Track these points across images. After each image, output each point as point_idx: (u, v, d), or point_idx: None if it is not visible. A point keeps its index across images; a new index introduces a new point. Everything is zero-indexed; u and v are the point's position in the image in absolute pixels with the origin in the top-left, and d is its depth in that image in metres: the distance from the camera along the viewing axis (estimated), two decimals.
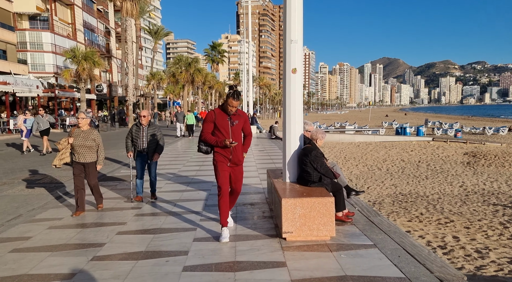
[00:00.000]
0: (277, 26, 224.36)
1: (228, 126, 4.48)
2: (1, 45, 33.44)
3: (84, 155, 5.69)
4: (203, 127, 4.55)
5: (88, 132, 5.72)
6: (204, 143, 4.59)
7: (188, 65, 28.26)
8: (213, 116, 4.49)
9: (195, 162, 11.50)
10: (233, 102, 4.39)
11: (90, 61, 22.81)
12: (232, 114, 4.50)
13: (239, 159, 4.63)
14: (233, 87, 4.50)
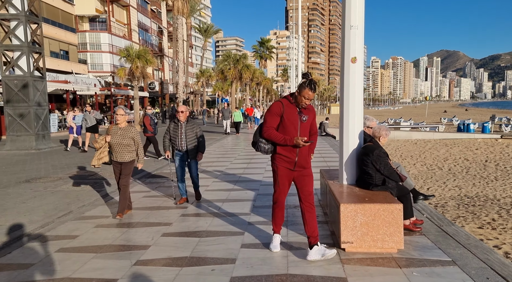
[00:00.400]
0: (327, 20, 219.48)
1: (297, 122, 3.72)
2: (64, 46, 35.69)
3: (121, 154, 5.34)
4: (267, 121, 3.77)
5: (126, 130, 5.35)
6: (267, 140, 3.80)
7: (236, 61, 28.19)
8: (281, 109, 3.71)
9: (242, 159, 11.21)
10: (309, 94, 3.64)
11: (143, 59, 23.47)
12: (303, 108, 3.77)
13: (306, 161, 3.85)
14: (308, 75, 3.75)
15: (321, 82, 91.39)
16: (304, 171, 3.88)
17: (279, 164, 3.83)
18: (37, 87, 13.80)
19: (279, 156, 3.80)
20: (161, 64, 66.44)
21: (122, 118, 5.33)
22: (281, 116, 3.72)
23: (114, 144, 5.30)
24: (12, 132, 13.59)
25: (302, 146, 3.66)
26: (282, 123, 3.73)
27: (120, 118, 5.33)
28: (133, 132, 5.36)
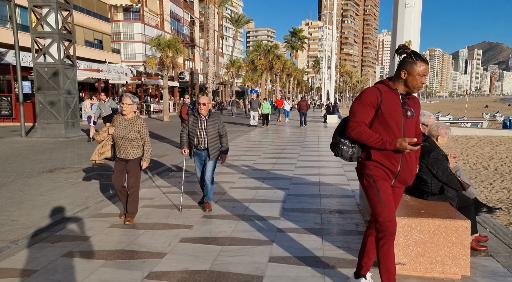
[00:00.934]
0: (361, 10, 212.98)
1: (400, 117, 2.63)
2: (98, 36, 36.18)
3: (125, 149, 4.61)
4: (356, 114, 2.69)
5: (132, 121, 4.60)
6: (352, 141, 2.75)
7: (267, 51, 27.47)
8: (378, 98, 2.64)
9: (271, 153, 10.60)
10: (424, 69, 2.60)
11: (173, 48, 23.21)
12: (407, 98, 2.71)
13: (412, 174, 2.74)
14: (406, 47, 2.73)
15: (354, 74, 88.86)
16: (401, 189, 2.82)
17: (377, 173, 2.68)
18: (67, 75, 13.74)
19: (376, 165, 2.68)
20: (192, 54, 66.60)
21: (128, 108, 4.58)
22: (377, 109, 2.64)
23: (117, 137, 4.58)
24: (42, 119, 13.63)
25: (410, 150, 2.58)
26: (379, 119, 2.65)
27: (126, 108, 4.58)
28: (139, 124, 4.63)
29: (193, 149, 5.16)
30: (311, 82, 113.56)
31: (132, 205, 4.73)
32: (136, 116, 4.70)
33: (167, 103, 24.32)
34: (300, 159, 9.63)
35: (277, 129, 19.13)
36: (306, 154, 10.44)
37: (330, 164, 8.94)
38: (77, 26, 32.43)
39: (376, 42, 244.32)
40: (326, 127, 20.85)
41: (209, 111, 5.19)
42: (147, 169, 8.19)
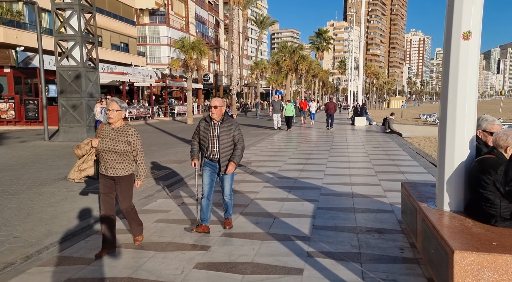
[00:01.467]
0: (388, 10, 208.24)
1: None
2: (124, 39, 36.59)
3: (113, 165, 3.78)
4: None
5: (121, 131, 3.81)
6: None
7: (292, 52, 26.80)
8: None
9: (297, 159, 9.94)
10: None
11: (197, 50, 22.96)
12: None
13: None
14: None
15: (381, 75, 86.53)
16: None
17: None
18: (89, 78, 13.60)
19: None
20: (217, 56, 66.77)
21: (116, 115, 3.77)
22: None
23: (103, 150, 3.78)
24: (65, 123, 13.55)
25: None
26: None
27: (113, 115, 3.75)
28: (130, 134, 3.82)
29: (203, 160, 4.47)
30: (337, 84, 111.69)
31: (134, 224, 4.09)
32: (126, 125, 3.90)
33: (191, 106, 24.09)
34: (329, 165, 8.94)
35: (302, 132, 18.40)
36: (335, 160, 9.72)
37: (362, 172, 8.21)
38: (103, 30, 32.91)
39: (404, 42, 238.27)
40: (354, 130, 19.94)
41: (223, 115, 4.43)
42: (164, 178, 7.73)
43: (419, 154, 10.82)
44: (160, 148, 12.31)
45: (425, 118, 46.53)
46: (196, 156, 4.46)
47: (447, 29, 3.50)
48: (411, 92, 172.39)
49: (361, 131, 18.61)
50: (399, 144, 13.19)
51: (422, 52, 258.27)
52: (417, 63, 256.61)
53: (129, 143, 3.82)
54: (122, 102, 3.89)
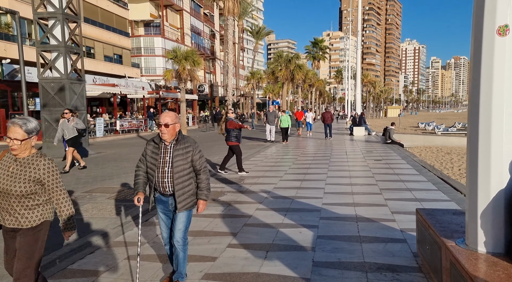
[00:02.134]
0: (383, 20, 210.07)
1: None
2: (118, 51, 36.04)
3: (13, 213, 2.65)
4: None
5: (27, 164, 2.65)
6: None
7: (288, 61, 26.25)
8: None
9: (294, 174, 9.20)
10: None
11: (190, 60, 22.36)
12: None
13: None
14: None
15: (378, 84, 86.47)
16: None
17: None
18: (74, 90, 12.89)
19: None
20: (213, 67, 66.51)
21: (20, 147, 2.61)
22: None
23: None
24: (48, 138, 12.78)
25: None
26: None
27: (16, 146, 2.59)
28: (41, 169, 2.65)
29: (153, 194, 3.34)
30: (334, 93, 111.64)
31: None
32: (36, 155, 2.70)
33: (185, 117, 23.38)
34: (329, 181, 8.19)
35: (299, 144, 17.65)
36: (335, 175, 8.98)
37: (365, 189, 7.47)
38: (96, 42, 32.38)
39: (399, 51, 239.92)
40: (353, 140, 19.25)
41: (177, 134, 3.26)
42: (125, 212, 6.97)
43: (424, 167, 10.11)
44: None
45: (423, 127, 46.08)
46: (141, 189, 3.31)
47: (476, 24, 2.81)
48: (407, 100, 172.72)
49: (361, 142, 17.92)
50: (402, 155, 12.48)
51: (417, 61, 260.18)
52: (412, 72, 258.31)
53: (39, 180, 2.65)
54: (29, 122, 2.65)
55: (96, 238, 4.82)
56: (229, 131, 9.27)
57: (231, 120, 9.34)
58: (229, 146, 9.36)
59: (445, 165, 17.80)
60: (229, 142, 9.31)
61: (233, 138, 9.25)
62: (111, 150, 15.61)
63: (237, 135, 9.33)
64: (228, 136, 9.34)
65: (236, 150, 9.32)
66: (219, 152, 13.81)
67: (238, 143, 9.34)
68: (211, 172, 9.45)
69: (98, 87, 20.54)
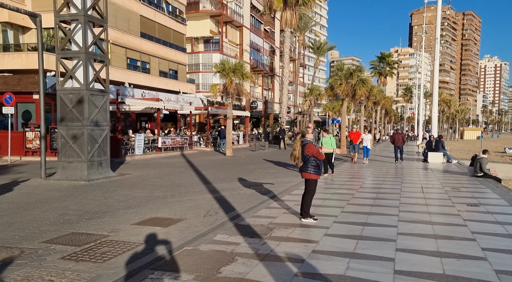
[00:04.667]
0: (459, 35, 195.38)
1: None
2: (173, 66, 35.61)
3: None
4: None
5: None
6: None
7: (349, 75, 23.15)
8: None
9: (345, 226, 6.27)
10: None
11: (239, 74, 20.38)
12: None
13: None
14: None
15: (453, 103, 78.39)
16: None
17: None
18: (95, 103, 11.30)
19: None
20: (271, 84, 65.01)
21: None
22: None
23: None
24: (64, 157, 11.25)
25: None
26: None
27: None
28: None
29: None
30: (401, 112, 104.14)
31: None
32: None
33: (230, 136, 21.29)
34: (402, 242, 5.20)
35: (354, 175, 14.00)
36: (409, 230, 5.92)
37: (471, 270, 4.38)
38: (151, 57, 32.11)
39: (477, 68, 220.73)
40: (428, 169, 15.54)
41: None
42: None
43: None
44: (164, 193, 9.34)
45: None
46: None
47: None
48: (486, 122, 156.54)
49: (439, 173, 14.23)
50: (506, 198, 8.86)
51: (499, 79, 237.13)
52: (493, 91, 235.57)
53: None
54: None
55: None
56: (307, 159, 6.65)
57: (309, 143, 6.73)
58: (305, 179, 6.79)
59: None
60: (306, 173, 6.70)
61: (312, 169, 6.65)
62: (140, 170, 13.83)
63: (318, 164, 6.67)
64: (304, 165, 6.71)
65: (311, 186, 6.68)
66: (257, 177, 11.24)
67: (317, 176, 6.71)
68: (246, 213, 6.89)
69: (140, 102, 19.28)
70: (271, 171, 14.36)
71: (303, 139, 6.71)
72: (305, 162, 6.60)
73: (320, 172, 6.69)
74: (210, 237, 5.54)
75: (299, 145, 6.66)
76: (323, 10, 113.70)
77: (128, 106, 18.90)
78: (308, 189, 6.66)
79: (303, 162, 6.63)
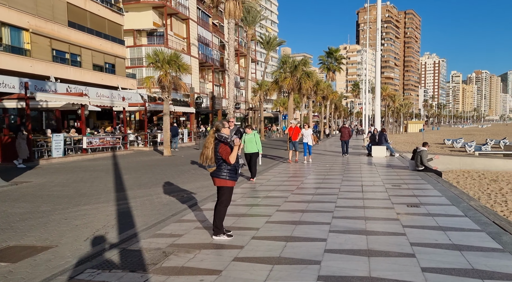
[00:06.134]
0: (402, 33, 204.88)
1: None
2: (110, 59, 32.88)
3: None
4: None
5: None
6: None
7: (294, 68, 22.26)
8: None
9: (261, 250, 5.08)
10: None
11: (175, 65, 18.71)
12: None
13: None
14: None
15: (397, 98, 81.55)
16: None
17: None
18: None
19: None
20: (223, 79, 63.42)
21: None
22: None
23: None
24: None
25: None
26: None
27: None
28: None
29: None
30: (351, 107, 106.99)
31: None
32: None
33: (168, 134, 19.57)
34: (327, 262, 4.07)
35: (294, 174, 13.26)
36: (340, 244, 4.83)
37: None
38: (83, 48, 29.24)
39: (418, 65, 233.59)
40: (372, 164, 14.97)
41: None
42: None
43: (487, 216, 5.84)
44: (54, 207, 7.60)
45: (451, 144, 41.06)
46: None
47: None
48: (428, 115, 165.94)
49: (381, 168, 13.64)
50: (447, 195, 8.17)
51: (437, 75, 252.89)
52: (432, 86, 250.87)
53: None
54: None
55: None
56: (221, 161, 5.21)
57: (224, 141, 5.14)
58: (218, 186, 5.36)
59: (495, 198, 13.43)
60: (219, 178, 5.28)
61: (227, 174, 5.23)
62: (47, 177, 11.82)
63: (235, 168, 5.25)
64: (218, 169, 5.23)
65: (226, 195, 5.29)
66: (186, 180, 9.76)
67: (233, 183, 5.32)
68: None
69: (57, 97, 16.89)
70: (206, 172, 12.97)
71: (217, 134, 5.34)
72: (219, 164, 5.28)
73: (237, 176, 5.40)
74: (73, 274, 4.06)
75: (212, 141, 5.31)
76: (273, 6, 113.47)
77: (45, 102, 16.54)
78: (221, 198, 5.34)
79: (216, 164, 5.30)
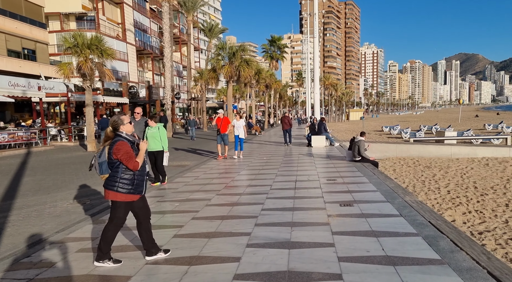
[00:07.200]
0: (343, 23, 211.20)
1: None
2: (29, 44, 29.38)
3: None
4: None
5: None
6: None
7: (232, 55, 21.13)
8: None
9: (169, 266, 4.01)
10: None
11: (97, 50, 16.71)
12: None
13: None
14: None
15: (339, 86, 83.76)
16: None
17: None
18: None
19: None
20: (163, 68, 60.52)
21: None
22: None
23: None
24: None
25: None
26: None
27: None
28: None
29: None
30: (296, 97, 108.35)
31: None
32: None
33: (92, 127, 17.58)
34: None
35: (226, 170, 12.32)
36: (254, 267, 3.90)
37: None
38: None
39: (359, 55, 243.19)
40: (311, 155, 14.42)
41: None
42: None
43: (423, 215, 5.26)
44: None
45: (388, 131, 42.54)
46: None
47: None
48: (368, 103, 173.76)
49: (320, 159, 13.10)
50: (382, 190, 7.62)
51: (376, 65, 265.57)
52: (372, 75, 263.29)
53: None
54: None
55: None
56: (116, 168, 4.00)
57: (121, 141, 3.93)
58: (111, 201, 4.07)
59: (429, 185, 13.46)
60: (111, 191, 4.02)
61: (123, 185, 4.03)
62: None
63: (134, 177, 4.04)
64: (111, 178, 4.02)
65: (119, 212, 4.07)
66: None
67: (131, 197, 4.09)
68: None
69: None
70: None
71: (115, 133, 4.08)
72: (113, 172, 4.02)
73: (137, 189, 4.16)
74: None
75: (107, 144, 4.04)
76: None
77: None
78: (112, 215, 4.12)
79: (109, 172, 4.04)
